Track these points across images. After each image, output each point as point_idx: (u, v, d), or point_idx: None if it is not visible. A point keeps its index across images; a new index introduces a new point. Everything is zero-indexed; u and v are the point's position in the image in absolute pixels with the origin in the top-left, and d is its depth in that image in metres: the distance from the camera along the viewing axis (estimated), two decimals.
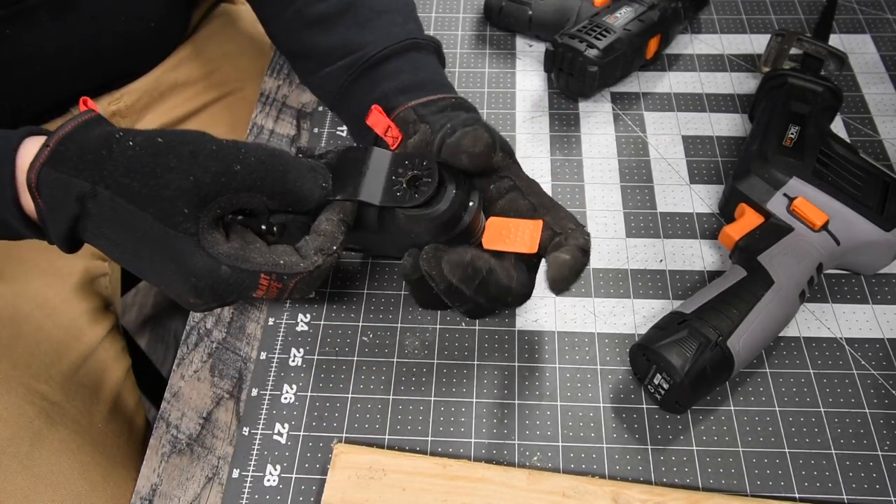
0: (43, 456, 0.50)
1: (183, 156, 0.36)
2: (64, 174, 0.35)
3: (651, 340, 0.42)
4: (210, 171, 0.36)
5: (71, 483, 0.50)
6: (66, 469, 0.50)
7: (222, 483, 0.43)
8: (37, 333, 0.56)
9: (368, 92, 0.50)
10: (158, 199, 0.35)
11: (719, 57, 0.64)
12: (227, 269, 0.36)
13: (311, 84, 0.57)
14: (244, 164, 0.37)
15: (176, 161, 0.36)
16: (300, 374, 0.46)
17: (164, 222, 0.35)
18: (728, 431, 0.43)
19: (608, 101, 0.61)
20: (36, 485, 0.49)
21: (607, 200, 0.54)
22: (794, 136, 0.51)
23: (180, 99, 0.67)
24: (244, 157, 0.37)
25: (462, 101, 0.47)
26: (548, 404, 0.45)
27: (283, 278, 0.38)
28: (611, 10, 0.60)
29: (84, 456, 0.52)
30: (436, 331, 0.48)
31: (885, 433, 0.43)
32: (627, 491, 0.40)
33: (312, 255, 0.39)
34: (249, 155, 0.37)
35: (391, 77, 0.49)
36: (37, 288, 0.58)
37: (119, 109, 0.63)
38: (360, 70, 0.50)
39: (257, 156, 0.38)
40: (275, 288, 0.38)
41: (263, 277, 0.37)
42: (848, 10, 0.67)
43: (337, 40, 0.52)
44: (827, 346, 0.46)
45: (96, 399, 0.56)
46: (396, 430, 0.44)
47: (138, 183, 0.35)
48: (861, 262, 0.48)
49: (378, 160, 0.42)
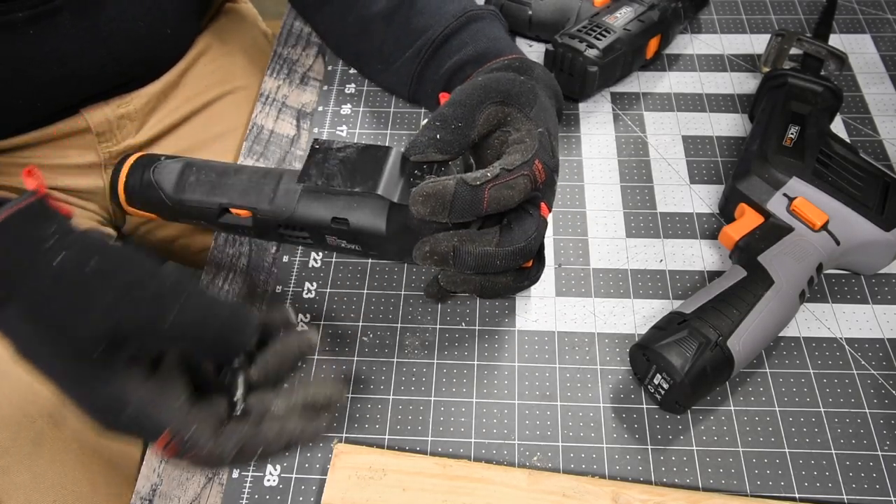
0: (45, 456, 0.50)
1: (113, 288, 0.33)
2: None
3: (651, 340, 0.42)
4: (139, 315, 0.34)
5: (73, 483, 0.50)
6: (68, 469, 0.50)
7: (222, 483, 0.43)
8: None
9: (437, 72, 0.53)
10: (71, 334, 0.33)
11: (719, 57, 0.64)
12: (132, 411, 0.33)
13: (387, 82, 0.60)
14: (180, 315, 0.34)
15: (101, 295, 0.33)
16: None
17: (74, 356, 0.33)
18: (728, 431, 0.43)
19: (608, 101, 0.61)
20: (38, 485, 0.49)
21: (607, 200, 0.54)
22: (794, 136, 0.51)
23: (182, 100, 0.67)
24: (182, 308, 0.34)
25: (514, 62, 0.48)
26: (548, 404, 0.45)
27: (185, 444, 0.34)
28: (611, 10, 0.60)
29: (86, 456, 0.52)
30: (436, 331, 0.48)
31: (885, 433, 0.43)
32: (627, 491, 0.40)
33: (230, 446, 0.34)
34: (188, 308, 0.34)
35: (456, 52, 0.52)
36: None
37: (128, 112, 0.63)
38: (427, 54, 0.53)
39: (197, 310, 0.35)
40: (172, 449, 0.34)
41: (167, 432, 0.34)
42: (848, 10, 0.67)
43: (401, 32, 0.55)
44: (827, 346, 0.46)
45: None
46: (396, 430, 0.44)
47: (49, 312, 0.33)
48: (861, 262, 0.48)
49: (398, 160, 0.44)
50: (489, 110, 0.44)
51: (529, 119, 0.44)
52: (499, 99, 0.44)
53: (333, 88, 0.63)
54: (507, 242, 0.41)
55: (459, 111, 0.44)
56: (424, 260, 0.41)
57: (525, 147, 0.42)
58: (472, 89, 0.45)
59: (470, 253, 0.40)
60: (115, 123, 0.62)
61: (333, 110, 0.61)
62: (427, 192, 0.39)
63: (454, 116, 0.43)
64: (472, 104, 0.44)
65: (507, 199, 0.40)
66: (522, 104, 0.44)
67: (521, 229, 0.41)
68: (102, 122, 0.62)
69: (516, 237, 0.41)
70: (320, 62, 0.66)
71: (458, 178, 0.40)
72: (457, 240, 0.41)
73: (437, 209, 0.40)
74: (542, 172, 0.42)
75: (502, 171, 0.40)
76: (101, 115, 0.61)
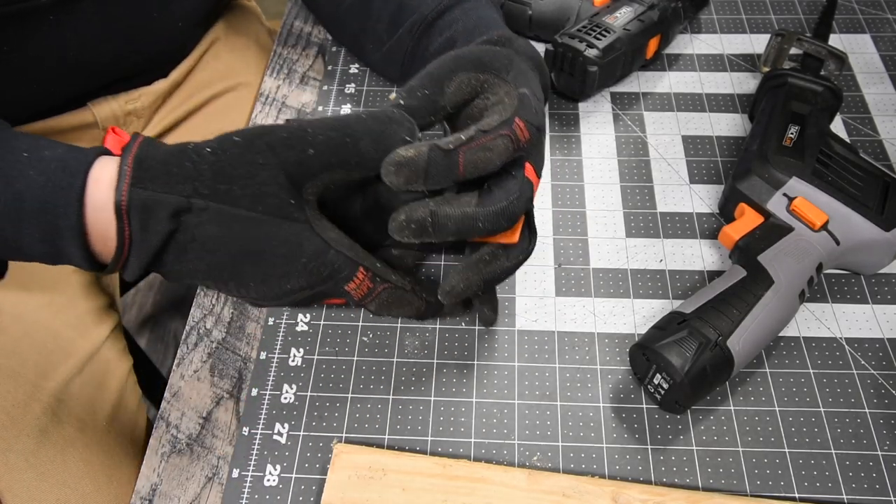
0: (49, 454, 0.50)
1: (263, 151, 0.36)
2: (154, 192, 0.34)
3: (651, 340, 0.42)
4: (291, 161, 0.36)
5: (76, 481, 0.50)
6: (71, 468, 0.51)
7: (222, 483, 0.43)
8: (44, 332, 0.56)
9: (427, 49, 0.52)
10: (264, 196, 0.36)
11: (719, 57, 0.64)
12: (334, 252, 0.37)
13: (381, 63, 0.59)
14: (315, 146, 0.37)
15: (261, 157, 0.36)
16: (300, 374, 0.46)
17: (278, 215, 0.36)
18: (728, 431, 0.43)
19: (608, 101, 0.61)
20: (41, 483, 0.49)
21: (607, 200, 0.54)
22: (794, 136, 0.51)
23: (186, 96, 0.67)
24: (312, 137, 0.37)
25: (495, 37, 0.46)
26: (548, 404, 0.45)
27: (376, 279, 0.39)
28: (611, 10, 0.60)
29: (89, 455, 0.52)
30: (436, 331, 0.48)
31: (885, 433, 0.43)
32: (627, 491, 0.40)
33: (405, 279, 0.40)
34: (317, 134, 0.37)
35: (446, 29, 0.51)
36: (44, 287, 0.58)
37: (135, 109, 0.63)
38: (419, 31, 0.52)
39: (325, 133, 0.37)
40: (365, 286, 0.39)
41: (361, 271, 0.38)
42: (848, 10, 0.67)
43: (395, 8, 0.54)
44: (827, 345, 0.46)
45: (100, 398, 0.56)
46: (396, 430, 0.44)
47: (238, 186, 0.35)
48: (861, 262, 0.48)
49: None
50: (461, 78, 0.42)
51: (507, 82, 0.42)
52: (471, 67, 0.42)
53: (333, 88, 0.63)
54: (488, 203, 0.38)
55: (426, 80, 0.41)
56: (402, 231, 0.38)
57: (503, 107, 0.40)
58: (443, 59, 0.42)
59: (449, 216, 0.37)
60: (123, 119, 0.63)
61: (333, 110, 0.61)
62: (399, 159, 0.37)
63: (420, 85, 0.41)
64: (441, 73, 0.41)
65: (485, 162, 0.37)
66: (498, 69, 0.42)
67: (501, 190, 0.39)
68: (109, 117, 0.62)
69: (497, 197, 0.38)
70: (320, 62, 0.67)
71: (432, 143, 0.37)
72: (433, 204, 0.38)
73: (412, 177, 0.37)
74: (524, 131, 0.39)
75: (477, 132, 0.38)
76: (109, 110, 0.61)
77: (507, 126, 0.38)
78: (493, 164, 0.38)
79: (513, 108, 0.39)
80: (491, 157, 0.38)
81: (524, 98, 0.40)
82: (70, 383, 0.55)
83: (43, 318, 0.56)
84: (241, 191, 0.35)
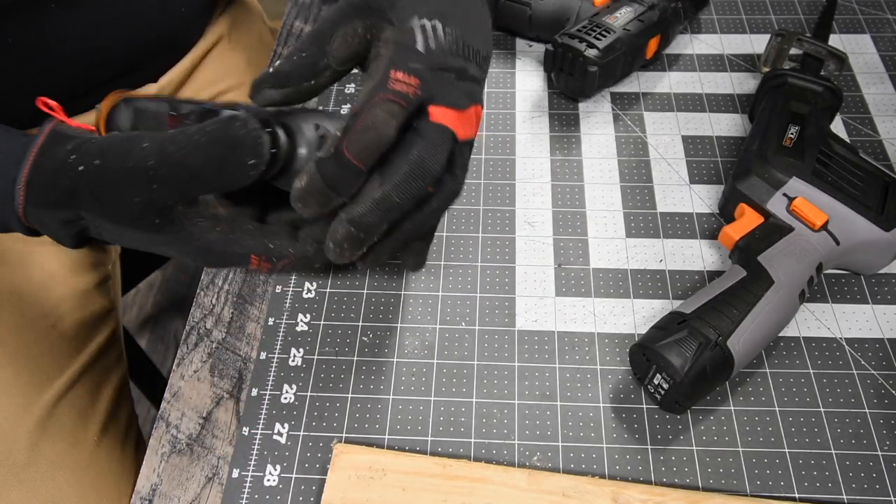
0: (39, 471, 0.50)
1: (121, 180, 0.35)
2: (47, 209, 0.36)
3: (651, 340, 0.42)
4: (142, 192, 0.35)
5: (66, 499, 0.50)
6: (61, 485, 0.50)
7: (222, 483, 0.43)
8: (40, 344, 0.55)
9: None
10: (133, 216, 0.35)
11: (719, 57, 0.64)
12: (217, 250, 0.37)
13: None
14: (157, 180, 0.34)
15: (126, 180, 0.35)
16: (300, 374, 0.46)
17: (151, 231, 0.35)
18: (728, 431, 0.43)
19: (608, 101, 0.61)
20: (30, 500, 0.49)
21: (607, 200, 0.54)
22: (793, 136, 0.51)
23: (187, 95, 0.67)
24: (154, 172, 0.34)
25: None
26: (548, 404, 0.45)
27: (273, 259, 0.37)
28: (611, 10, 0.60)
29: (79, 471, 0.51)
30: (436, 331, 0.48)
31: (885, 433, 0.43)
32: (627, 491, 0.40)
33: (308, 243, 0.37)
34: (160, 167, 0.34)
35: None
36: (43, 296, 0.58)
37: None
38: None
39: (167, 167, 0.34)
40: (264, 266, 0.38)
41: (253, 258, 0.37)
42: (848, 10, 0.67)
43: None
44: (827, 346, 0.46)
45: (91, 411, 0.56)
46: (396, 430, 0.44)
47: (109, 209, 0.35)
48: (861, 262, 0.48)
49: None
50: (344, 31, 0.37)
51: (390, 22, 0.36)
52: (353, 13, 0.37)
53: (333, 88, 0.63)
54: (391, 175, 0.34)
55: (307, 40, 0.37)
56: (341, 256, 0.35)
57: (375, 67, 0.35)
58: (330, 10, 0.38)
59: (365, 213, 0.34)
60: None
61: (333, 110, 0.61)
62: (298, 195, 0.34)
63: (299, 48, 0.37)
64: (326, 28, 0.37)
65: (376, 142, 0.33)
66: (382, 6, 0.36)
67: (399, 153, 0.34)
68: None
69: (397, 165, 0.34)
70: None
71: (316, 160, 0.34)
72: (344, 213, 0.35)
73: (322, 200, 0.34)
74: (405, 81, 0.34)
75: (350, 118, 0.34)
76: None
77: (379, 90, 0.34)
78: (387, 136, 0.33)
79: (385, 64, 0.34)
80: (379, 134, 0.33)
81: (402, 38, 0.35)
82: (62, 396, 0.54)
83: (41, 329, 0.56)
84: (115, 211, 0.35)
